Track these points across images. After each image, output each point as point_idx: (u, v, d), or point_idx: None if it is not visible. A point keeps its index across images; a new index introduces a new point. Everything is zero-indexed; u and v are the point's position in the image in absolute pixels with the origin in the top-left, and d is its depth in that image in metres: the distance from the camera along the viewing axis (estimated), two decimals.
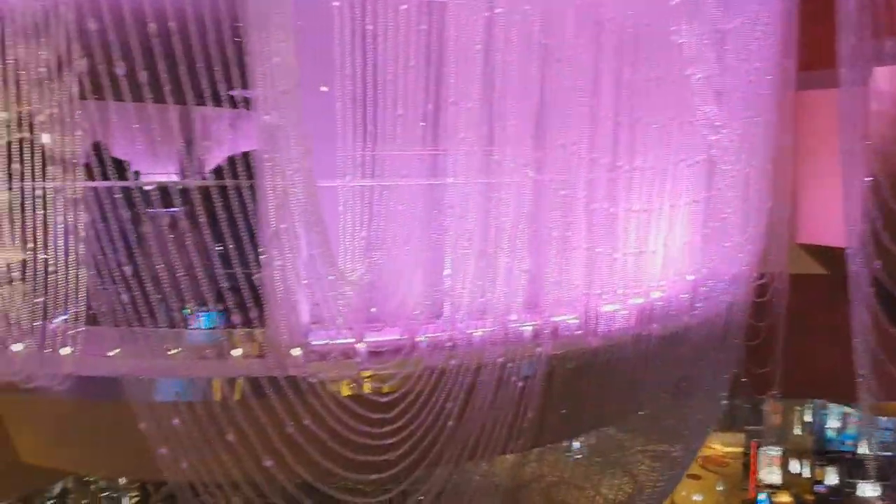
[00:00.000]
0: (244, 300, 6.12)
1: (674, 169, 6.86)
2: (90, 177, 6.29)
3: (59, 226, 6.31)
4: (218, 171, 6.83)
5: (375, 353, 6.10)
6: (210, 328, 6.55)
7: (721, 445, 14.72)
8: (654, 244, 6.83)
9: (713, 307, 7.37)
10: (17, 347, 6.28)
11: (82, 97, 6.10)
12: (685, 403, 8.22)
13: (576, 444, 10.37)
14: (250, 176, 6.13)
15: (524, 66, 6.11)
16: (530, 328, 6.40)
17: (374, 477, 5.96)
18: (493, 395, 6.05)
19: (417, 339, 6.25)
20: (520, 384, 6.13)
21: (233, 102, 6.25)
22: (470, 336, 6.26)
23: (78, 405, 6.30)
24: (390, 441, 5.99)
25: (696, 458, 12.01)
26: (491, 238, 6.31)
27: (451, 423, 6.10)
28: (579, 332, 6.48)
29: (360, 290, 5.88)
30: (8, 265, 6.37)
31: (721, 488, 14.59)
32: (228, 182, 6.12)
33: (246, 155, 6.46)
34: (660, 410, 8.43)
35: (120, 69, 5.75)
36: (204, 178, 6.96)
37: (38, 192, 6.32)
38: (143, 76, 5.77)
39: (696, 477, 14.28)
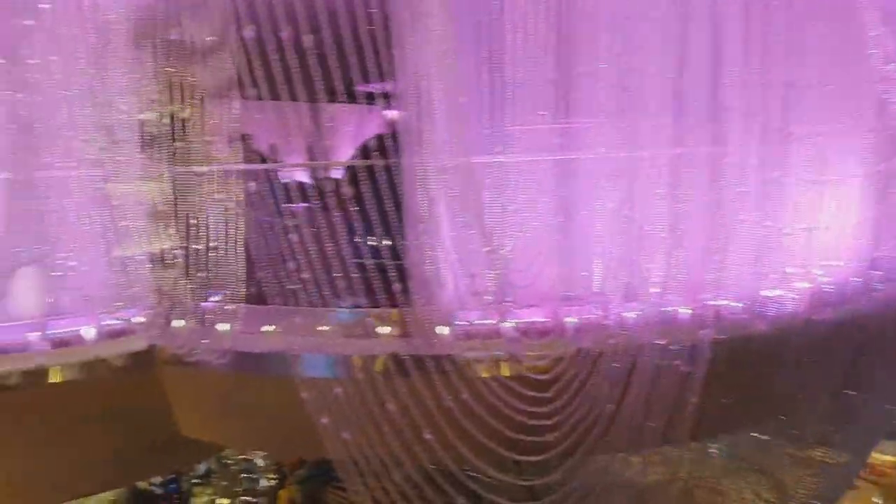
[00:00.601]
0: (390, 280, 6.11)
1: (851, 137, 6.23)
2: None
3: (216, 208, 6.60)
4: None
5: (523, 334, 5.89)
6: (357, 307, 6.58)
7: (883, 454, 13.44)
8: (827, 219, 6.22)
9: (894, 292, 6.64)
10: (178, 323, 6.59)
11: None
12: (856, 402, 7.46)
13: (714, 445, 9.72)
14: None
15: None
16: (690, 311, 5.99)
17: (528, 464, 5.75)
18: (652, 381, 5.68)
19: (566, 321, 6.00)
20: (680, 370, 5.72)
21: (363, 97, 6.32)
22: (624, 318, 5.93)
23: (235, 380, 6.50)
24: (540, 427, 5.77)
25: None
26: (644, 214, 5.97)
27: (605, 410, 5.78)
28: (744, 315, 6.00)
29: (510, 268, 5.68)
30: (169, 246, 6.70)
31: (878, 502, 13.31)
32: (372, 162, 6.11)
33: (382, 138, 6.47)
34: (824, 409, 7.69)
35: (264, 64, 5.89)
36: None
37: (197, 176, 6.64)
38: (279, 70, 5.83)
39: (851, 486, 13.10)
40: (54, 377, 6.40)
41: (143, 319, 6.81)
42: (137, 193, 6.71)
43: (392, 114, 6.76)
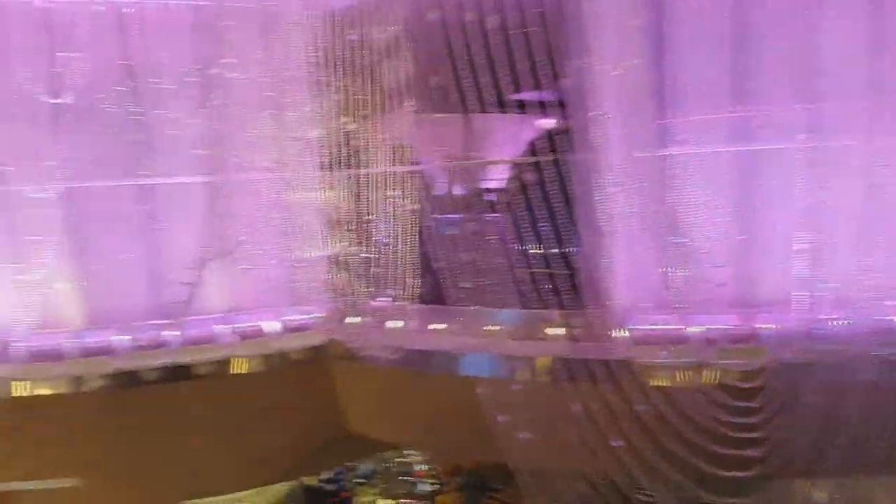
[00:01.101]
0: (562, 282, 5.85)
1: None
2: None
3: (390, 212, 6.69)
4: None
5: (713, 340, 5.38)
6: (527, 308, 6.38)
7: None
8: None
9: None
10: (352, 320, 6.72)
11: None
12: None
13: None
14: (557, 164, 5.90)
15: None
16: None
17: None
18: (869, 397, 4.96)
19: (761, 327, 5.41)
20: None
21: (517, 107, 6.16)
22: (831, 326, 5.25)
23: (404, 377, 6.50)
24: (727, 442, 5.22)
25: None
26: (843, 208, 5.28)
27: (808, 429, 5.12)
28: None
29: (701, 264, 5.20)
30: (345, 247, 6.86)
31: None
32: (554, 158, 5.90)
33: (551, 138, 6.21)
34: None
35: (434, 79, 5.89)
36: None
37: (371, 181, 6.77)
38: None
39: None
40: (237, 368, 6.73)
41: (320, 315, 7.03)
42: (316, 198, 6.99)
43: (546, 122, 6.51)
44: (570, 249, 5.95)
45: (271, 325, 6.89)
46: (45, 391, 6.39)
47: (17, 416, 6.43)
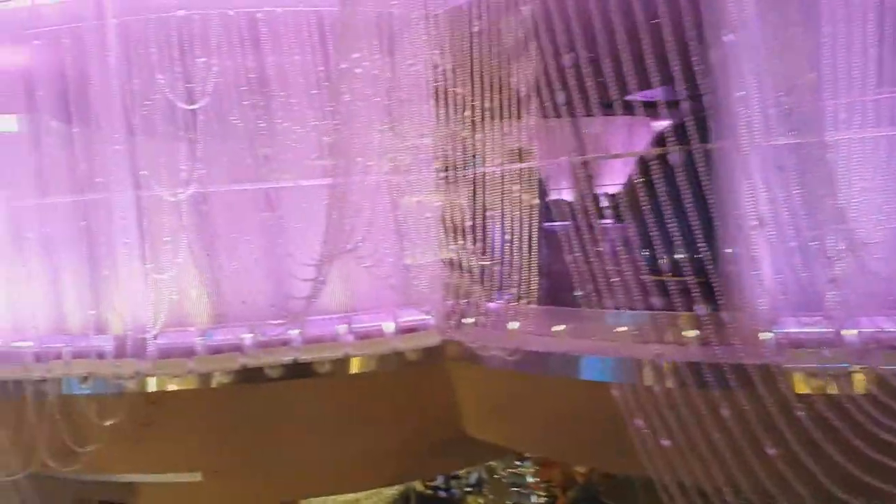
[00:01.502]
0: (692, 282, 5.46)
1: None
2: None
3: (508, 214, 6.52)
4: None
5: (869, 344, 4.86)
6: (655, 310, 6.03)
7: None
8: None
9: None
10: (469, 321, 6.59)
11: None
12: None
13: None
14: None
15: None
16: None
17: None
18: None
19: None
20: None
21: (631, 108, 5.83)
22: None
23: (522, 379, 6.30)
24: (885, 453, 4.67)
25: None
26: None
27: None
28: None
29: (867, 255, 4.67)
30: (463, 248, 6.75)
31: None
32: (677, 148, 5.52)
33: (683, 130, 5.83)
34: None
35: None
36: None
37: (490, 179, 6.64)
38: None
39: None
40: (355, 368, 6.75)
41: (436, 316, 6.96)
42: (435, 200, 6.93)
43: (677, 115, 6.14)
44: (705, 246, 5.52)
45: (388, 326, 6.86)
46: (174, 387, 6.63)
47: (148, 410, 6.70)
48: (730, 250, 5.25)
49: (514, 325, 6.29)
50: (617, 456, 6.19)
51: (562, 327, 6.02)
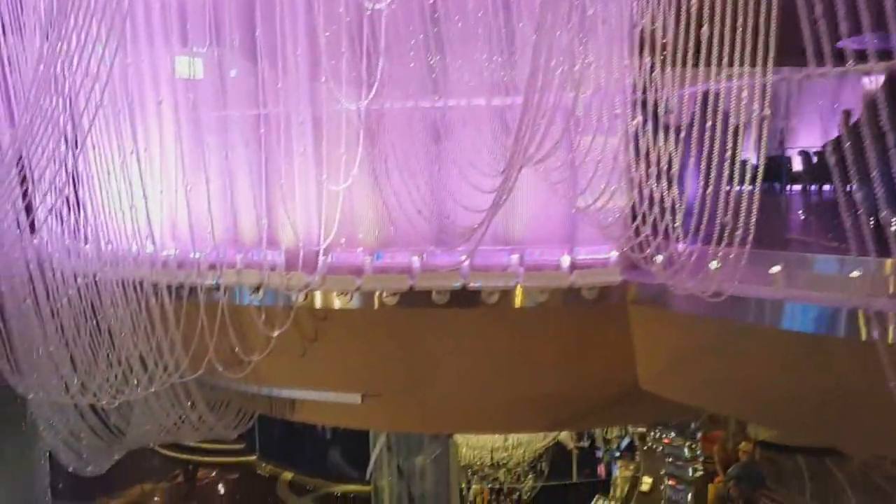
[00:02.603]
0: None
1: None
2: None
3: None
4: None
5: None
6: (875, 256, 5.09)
7: None
8: None
9: None
10: (655, 261, 5.91)
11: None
12: None
13: None
14: None
15: None
16: None
17: None
18: None
19: None
20: None
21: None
22: None
23: (708, 326, 5.57)
24: None
25: None
26: None
27: None
28: None
29: None
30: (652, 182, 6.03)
31: None
32: None
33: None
34: None
35: None
36: None
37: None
38: None
39: None
40: (525, 301, 6.30)
41: (618, 253, 6.35)
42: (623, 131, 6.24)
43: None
44: None
45: (564, 259, 6.33)
46: (340, 304, 6.50)
47: (314, 326, 6.64)
48: None
49: (705, 266, 5.52)
50: (825, 425, 5.37)
51: (777, 269, 5.18)
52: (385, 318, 6.48)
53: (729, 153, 5.59)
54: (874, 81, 5.30)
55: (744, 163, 5.52)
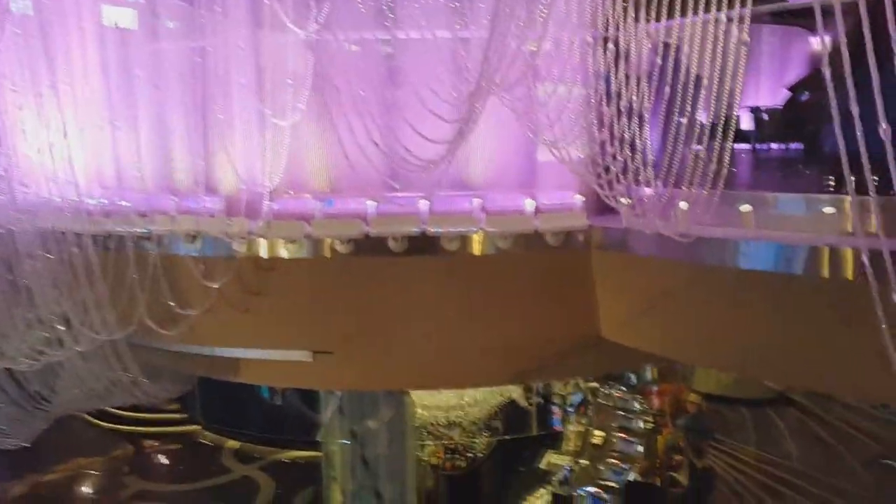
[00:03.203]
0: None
1: None
2: None
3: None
4: None
5: None
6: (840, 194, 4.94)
7: None
8: None
9: None
10: (622, 202, 5.61)
11: None
12: None
13: None
14: None
15: None
16: None
17: None
18: None
19: None
20: None
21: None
22: None
23: (670, 270, 5.34)
24: None
25: None
26: None
27: None
28: None
29: None
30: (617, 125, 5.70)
31: None
32: None
33: None
34: None
35: None
36: None
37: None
38: None
39: None
40: (486, 247, 5.93)
41: (582, 197, 6.03)
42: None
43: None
44: None
45: (528, 203, 5.98)
46: (287, 254, 6.00)
47: (258, 278, 6.12)
48: None
49: (683, 205, 5.25)
50: (790, 369, 5.22)
51: (748, 208, 4.95)
52: (337, 269, 6.01)
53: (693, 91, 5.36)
54: None
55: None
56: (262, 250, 6.01)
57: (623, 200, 5.53)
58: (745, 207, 4.93)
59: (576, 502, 9.42)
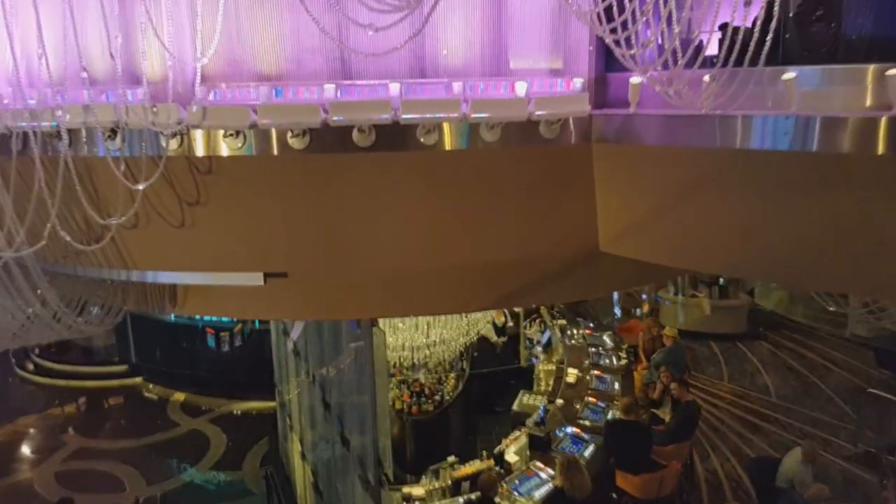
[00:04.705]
0: None
1: None
2: None
3: None
4: None
5: None
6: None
7: None
8: None
9: None
10: (636, 81, 4.74)
11: None
12: None
13: None
14: None
15: None
16: None
17: None
18: None
19: None
20: None
21: None
22: None
23: (674, 157, 4.54)
24: None
25: None
26: None
27: None
28: None
29: None
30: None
31: None
32: None
33: None
34: None
35: None
36: None
37: None
38: None
39: None
40: (469, 141, 5.01)
41: (582, 79, 5.15)
42: None
43: None
44: None
45: (520, 87, 5.06)
46: (229, 151, 4.95)
47: (196, 183, 5.07)
48: None
49: (706, 77, 4.40)
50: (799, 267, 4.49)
51: (791, 75, 4.10)
52: (290, 169, 5.00)
53: None
54: None
55: None
56: (198, 147, 4.96)
57: (631, 81, 4.67)
58: (788, 75, 4.08)
59: (554, 442, 8.74)
